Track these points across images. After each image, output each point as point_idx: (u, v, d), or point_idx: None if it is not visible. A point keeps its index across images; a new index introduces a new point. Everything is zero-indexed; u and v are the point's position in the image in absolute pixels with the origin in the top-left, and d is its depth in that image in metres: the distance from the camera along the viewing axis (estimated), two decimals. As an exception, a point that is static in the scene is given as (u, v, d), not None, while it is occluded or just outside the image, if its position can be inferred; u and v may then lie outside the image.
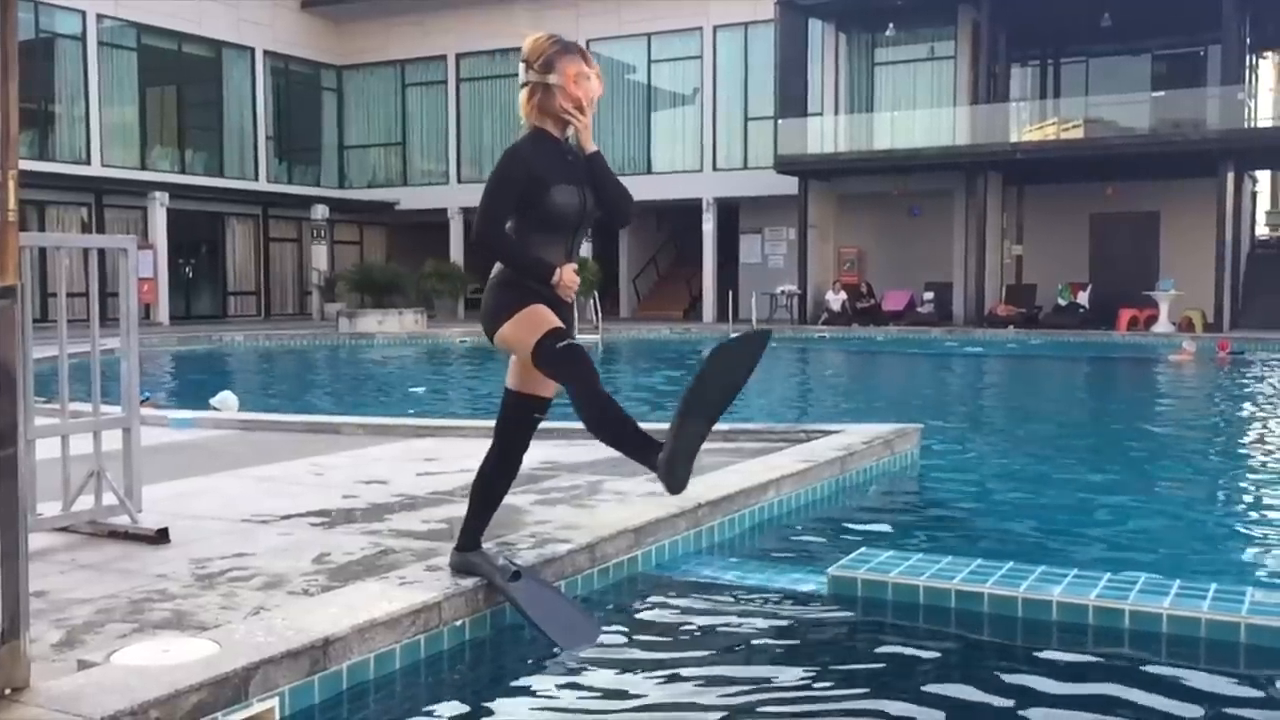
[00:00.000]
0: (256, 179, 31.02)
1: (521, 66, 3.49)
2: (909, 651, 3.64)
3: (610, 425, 3.44)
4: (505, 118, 31.86)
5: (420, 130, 33.13)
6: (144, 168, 28.35)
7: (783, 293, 27.49)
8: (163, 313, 26.68)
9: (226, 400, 9.59)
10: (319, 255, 30.48)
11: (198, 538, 4.42)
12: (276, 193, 31.14)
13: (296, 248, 31.74)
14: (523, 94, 3.50)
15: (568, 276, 3.43)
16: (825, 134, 27.00)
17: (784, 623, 3.88)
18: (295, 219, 31.22)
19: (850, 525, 5.48)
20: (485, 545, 3.75)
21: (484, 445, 6.97)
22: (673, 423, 3.26)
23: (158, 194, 26.85)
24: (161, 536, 4.36)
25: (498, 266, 3.51)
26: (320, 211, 30.27)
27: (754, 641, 3.71)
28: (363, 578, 3.77)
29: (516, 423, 3.72)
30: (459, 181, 32.26)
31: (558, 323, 3.43)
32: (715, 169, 28.93)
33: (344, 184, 33.79)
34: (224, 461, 6.44)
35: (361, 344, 22.48)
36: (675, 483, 3.31)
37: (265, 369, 18.29)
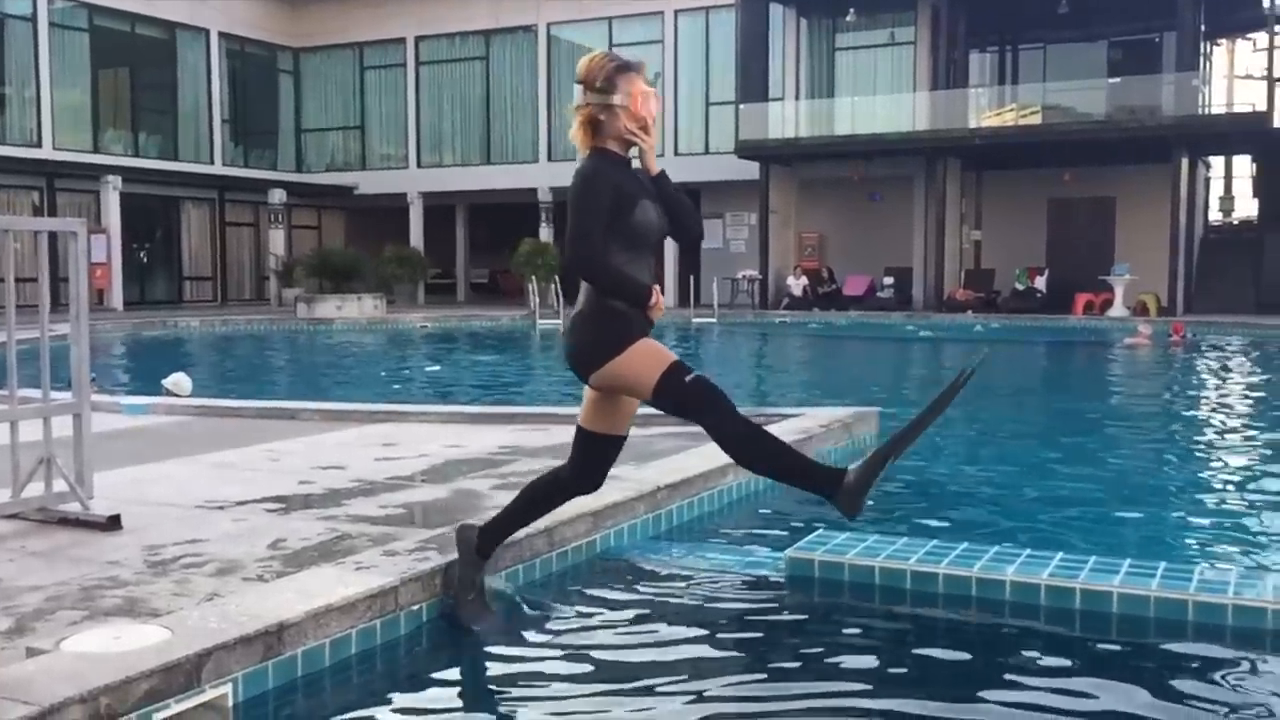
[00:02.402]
0: (212, 162, 30.63)
1: (578, 89, 3.31)
2: (865, 631, 3.67)
3: (768, 455, 3.25)
4: (465, 102, 31.69)
5: (379, 114, 32.84)
6: (97, 151, 27.91)
7: (744, 278, 27.56)
8: (117, 298, 26.31)
9: (180, 382, 9.48)
10: (276, 240, 30.17)
11: (150, 524, 4.37)
12: (232, 176, 30.77)
13: (253, 232, 31.39)
14: (580, 116, 3.31)
15: (659, 297, 3.31)
16: (786, 119, 27.05)
17: (742, 605, 3.90)
18: (252, 203, 30.87)
19: (808, 508, 5.51)
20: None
21: (443, 430, 6.98)
22: (873, 456, 3.21)
23: (111, 178, 26.45)
24: (113, 523, 4.31)
25: (586, 298, 3.30)
26: (277, 196, 29.95)
27: (712, 623, 3.72)
28: (319, 563, 3.74)
29: (598, 462, 3.50)
30: (419, 166, 32.05)
31: (674, 355, 3.27)
32: (676, 154, 28.88)
33: (301, 168, 33.44)
34: (178, 447, 6.37)
35: (320, 330, 22.29)
36: (856, 510, 3.25)
37: (222, 355, 18.09)
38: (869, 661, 3.37)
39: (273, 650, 3.03)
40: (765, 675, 3.30)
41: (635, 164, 3.41)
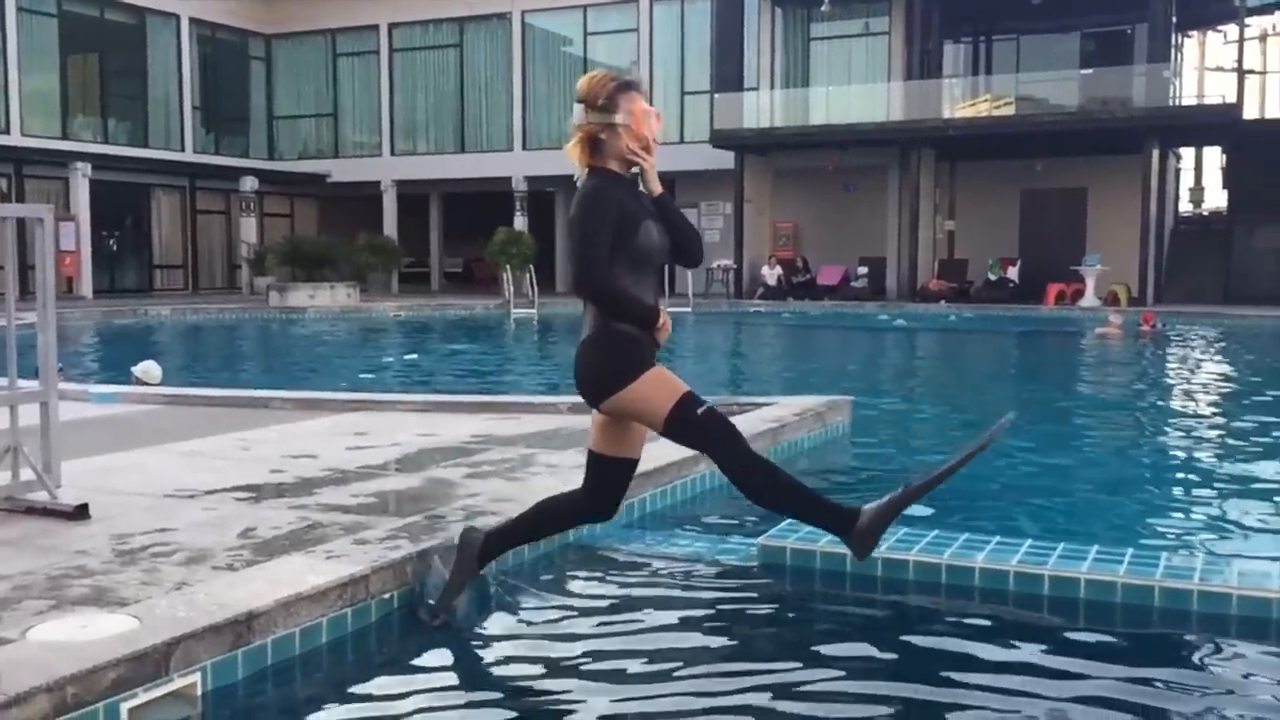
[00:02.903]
0: (183, 149, 30.35)
1: (579, 108, 3.26)
2: (837, 618, 3.69)
3: (779, 490, 3.22)
4: (439, 90, 31.53)
5: (352, 101, 32.63)
6: (65, 137, 27.60)
7: (719, 267, 27.58)
8: (86, 286, 26.05)
9: (149, 370, 9.40)
10: (248, 228, 29.93)
11: (119, 513, 4.33)
12: (203, 164, 30.50)
13: (225, 220, 31.16)
14: (580, 134, 3.27)
15: (666, 318, 3.28)
16: (761, 109, 27.07)
17: (714, 592, 3.91)
18: (223, 191, 30.63)
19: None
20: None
21: (416, 419, 6.96)
22: (887, 503, 3.17)
23: (80, 165, 26.16)
24: (81, 512, 4.27)
25: (592, 321, 3.26)
26: (249, 183, 29.72)
27: (684, 611, 3.73)
28: (289, 552, 3.72)
29: (612, 485, 3.44)
30: (392, 154, 31.88)
31: (686, 386, 3.24)
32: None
33: (273, 155, 33.20)
34: (147, 436, 6.32)
35: (292, 318, 22.16)
36: (866, 553, 3.23)
37: (193, 344, 17.96)
38: (840, 648, 3.39)
39: (242, 639, 3.01)
40: (737, 662, 3.31)
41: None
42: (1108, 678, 3.10)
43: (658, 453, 5.42)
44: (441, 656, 3.31)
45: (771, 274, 26.70)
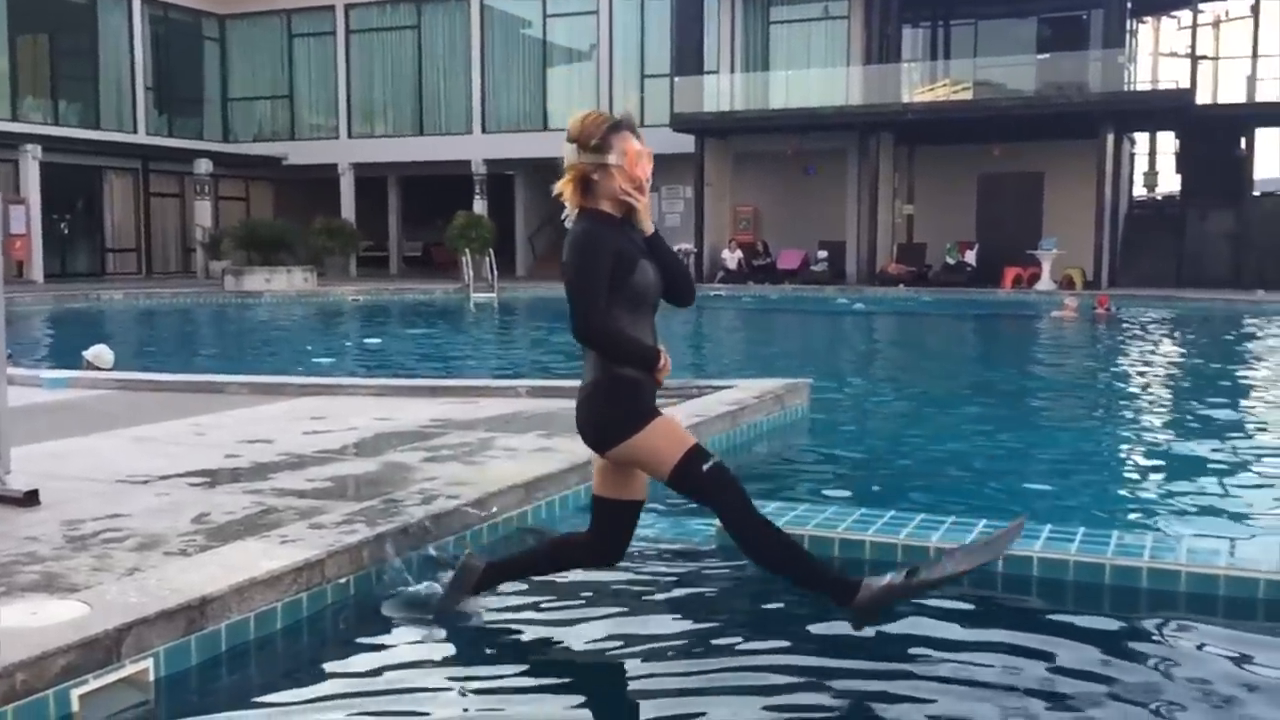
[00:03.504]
0: (135, 131, 29.85)
1: (570, 148, 3.24)
2: (794, 600, 3.71)
3: (780, 553, 3.16)
4: (396, 71, 31.23)
5: (308, 83, 32.25)
6: (14, 119, 27.06)
7: (680, 251, 27.55)
8: (37, 271, 25.61)
9: (101, 354, 9.26)
10: (203, 211, 29.52)
11: (70, 499, 4.27)
12: (157, 146, 30.02)
13: (179, 203, 30.73)
14: (571, 174, 3.24)
15: (667, 359, 3.25)
16: (721, 92, 27.05)
17: (672, 575, 3.92)
18: (177, 173, 30.18)
19: (740, 478, 5.55)
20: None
21: (373, 403, 6.91)
22: (890, 587, 3.12)
23: (29, 146, 25.65)
24: (31, 498, 4.21)
25: (594, 367, 3.23)
26: (203, 166, 29.29)
27: (642, 593, 3.74)
28: (243, 537, 3.69)
29: (618, 528, 3.38)
30: (349, 136, 31.55)
31: (694, 438, 3.23)
32: (611, 126, 28.76)
33: (228, 137, 32.75)
34: (100, 422, 6.23)
35: (248, 303, 21.92)
36: (861, 627, 3.19)
37: (146, 328, 17.73)
38: (797, 629, 3.41)
39: (195, 624, 2.98)
40: (695, 644, 3.32)
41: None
42: (1059, 654, 3.14)
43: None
44: (398, 641, 3.29)
45: (732, 257, 26.75)
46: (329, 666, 3.08)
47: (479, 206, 29.22)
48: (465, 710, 2.89)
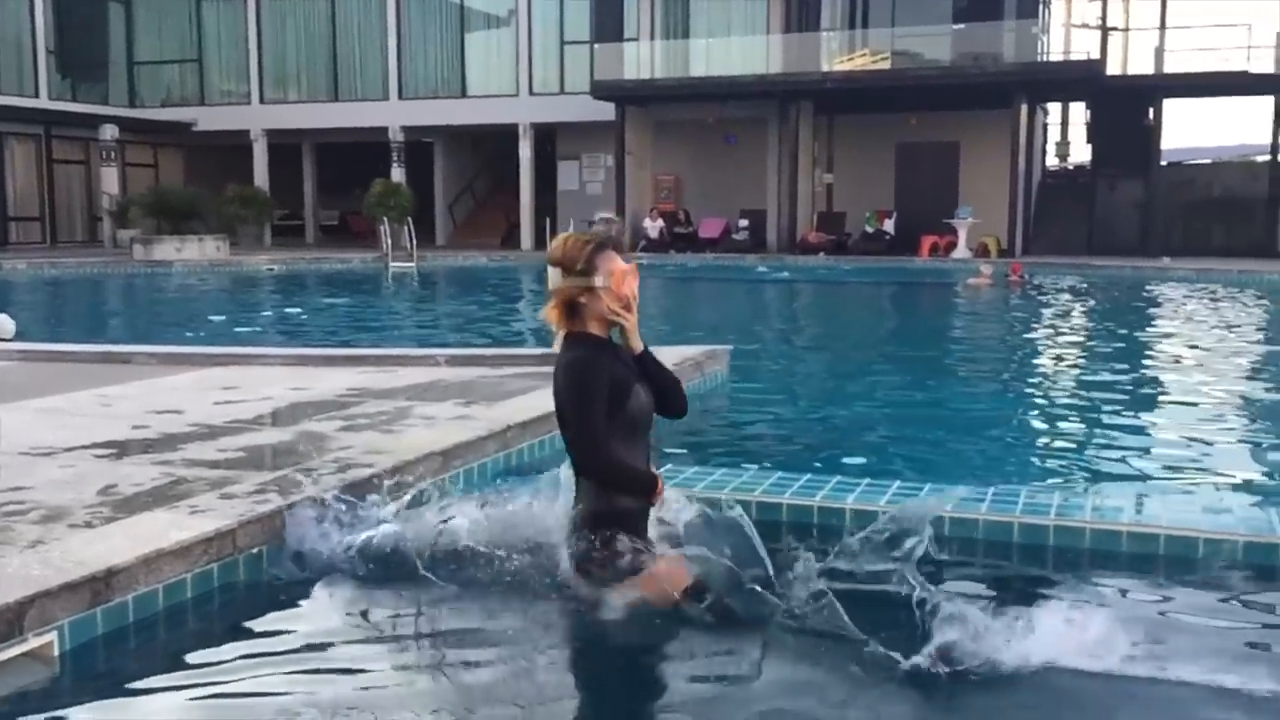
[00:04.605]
0: (36, 95, 28.77)
1: (555, 272, 3.21)
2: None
3: None
4: (310, 35, 30.54)
5: (218, 46, 31.34)
6: (-94, 81, 25.95)
7: (600, 220, 27.46)
8: (-66, 240, 24.68)
9: (1, 324, 8.96)
10: (109, 178, 28.62)
11: (-32, 473, 4.13)
12: (59, 111, 28.98)
13: (84, 170, 29.74)
14: (558, 298, 3.22)
15: (662, 484, 3.26)
16: (641, 60, 26.93)
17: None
18: (82, 139, 29.18)
19: (658, 444, 5.57)
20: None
21: (288, 373, 6.79)
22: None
23: (-77, 110, 24.66)
24: (-74, 472, 4.06)
25: (588, 496, 3.20)
26: (109, 131, 28.36)
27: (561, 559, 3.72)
28: (152, 508, 3.60)
29: None
30: (261, 102, 30.79)
31: (690, 577, 3.17)
32: (531, 93, 28.51)
33: (135, 102, 31.74)
34: (1, 393, 6.03)
35: (158, 272, 21.38)
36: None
37: (51, 299, 17.19)
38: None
39: (101, 596, 2.91)
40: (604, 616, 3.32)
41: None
42: (971, 610, 3.20)
43: (534, 403, 5.41)
44: (311, 611, 3.25)
45: (653, 227, 26.74)
46: (240, 637, 3.03)
47: (397, 174, 28.79)
48: (375, 680, 2.86)
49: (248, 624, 3.13)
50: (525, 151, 28.43)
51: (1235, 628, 3.16)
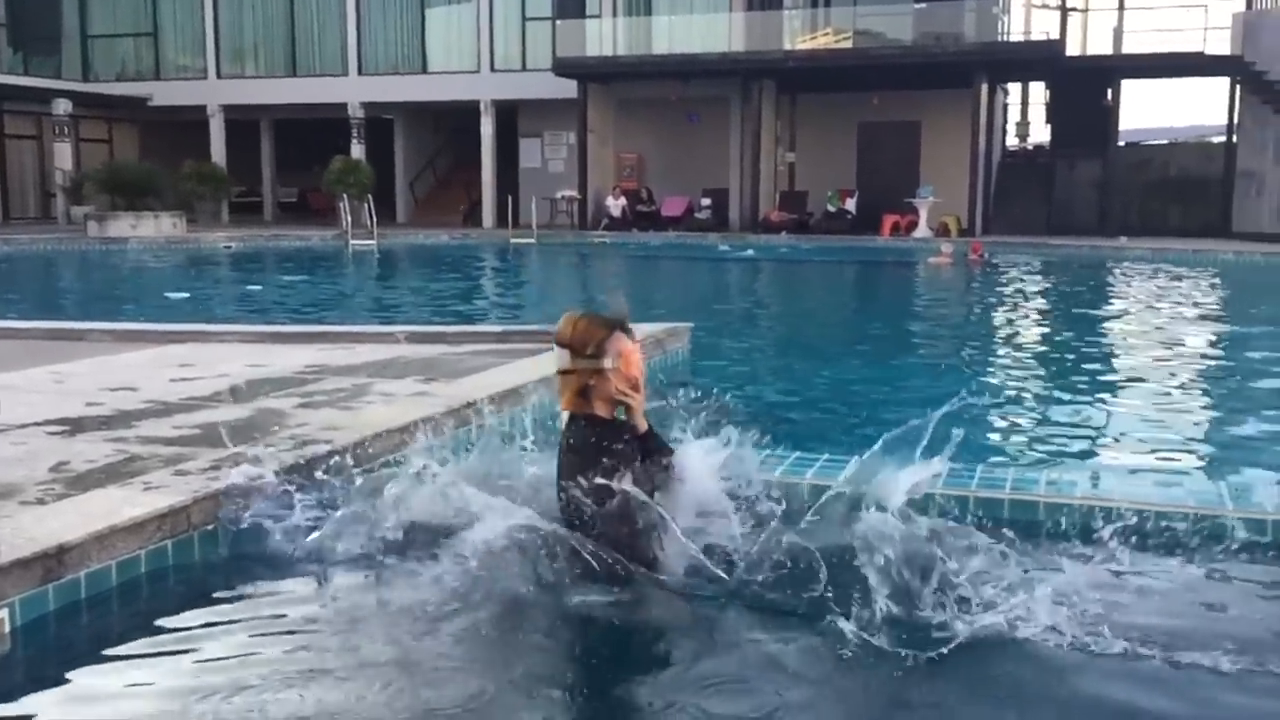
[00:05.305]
0: (-13, 69, 28.25)
1: (563, 353, 3.19)
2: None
3: None
4: (267, 9, 30.10)
5: (173, 20, 30.83)
6: None
7: (563, 198, 27.39)
8: (-118, 216, 24.17)
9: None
10: (62, 154, 28.12)
11: (-84, 450, 4.06)
12: (10, 85, 28.40)
13: (36, 145, 29.21)
14: (568, 385, 3.21)
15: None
16: (604, 37, 26.79)
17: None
18: (34, 114, 28.63)
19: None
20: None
21: (245, 350, 6.72)
22: None
23: None
24: (-128, 450, 3.99)
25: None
26: (62, 106, 27.86)
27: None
28: (105, 484, 3.55)
29: None
30: (218, 77, 30.36)
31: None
32: (493, 70, 28.30)
33: (89, 77, 31.18)
34: (-50, 371, 5.93)
35: (113, 249, 21.07)
36: None
37: (3, 276, 16.90)
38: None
39: (53, 573, 2.88)
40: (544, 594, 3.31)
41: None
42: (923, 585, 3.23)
43: (494, 380, 5.40)
44: (267, 587, 3.22)
45: (616, 205, 26.67)
46: (194, 613, 3.00)
47: (357, 151, 28.52)
48: (329, 656, 2.85)
49: (202, 600, 3.10)
50: (487, 128, 28.23)
51: (1186, 599, 3.21)
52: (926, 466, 3.48)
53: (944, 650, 2.72)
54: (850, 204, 26.16)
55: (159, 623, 2.94)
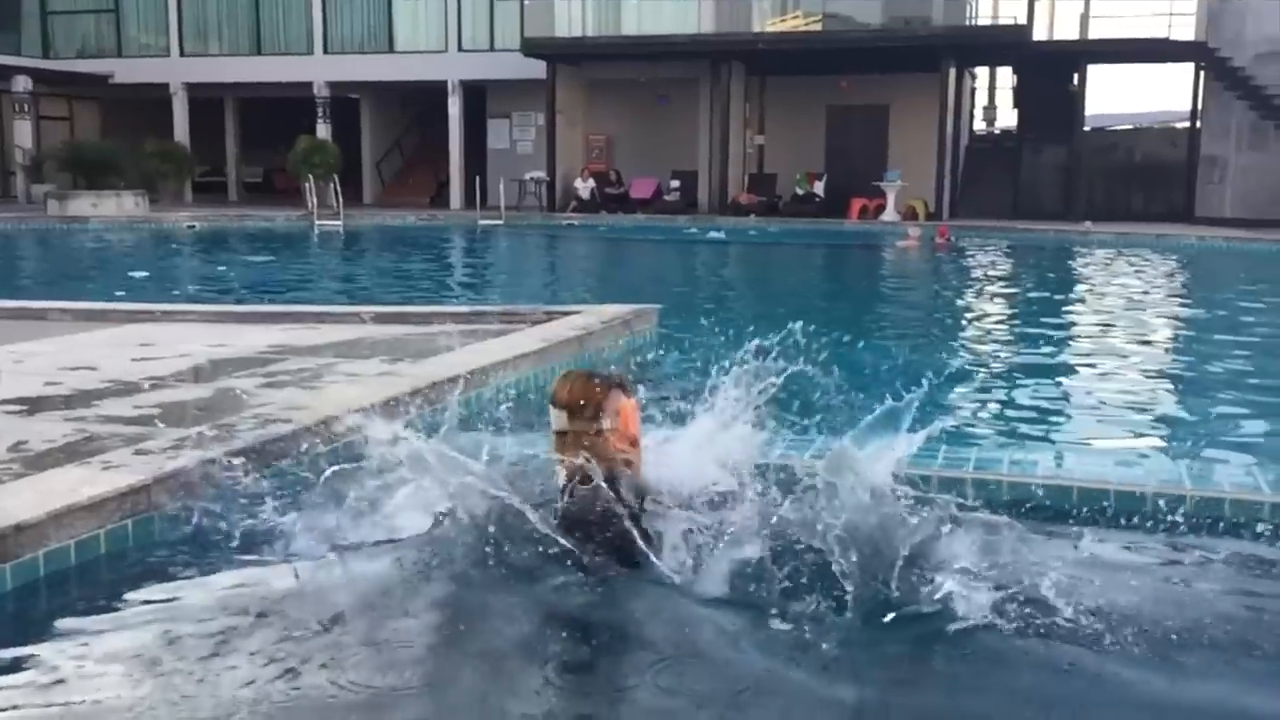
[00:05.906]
0: (-56, 44, 27.72)
1: (562, 415, 3.13)
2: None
3: None
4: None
5: (136, -5, 30.33)
6: None
7: (531, 179, 27.25)
8: None
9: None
10: (22, 131, 27.65)
11: None
12: (-32, 61, 27.95)
13: (-5, 123, 28.73)
14: (561, 440, 3.15)
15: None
16: (573, 17, 26.61)
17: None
18: (-8, 91, 28.18)
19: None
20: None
21: (207, 330, 6.66)
22: None
23: None
24: None
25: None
26: (22, 83, 27.37)
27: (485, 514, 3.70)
28: (64, 464, 3.52)
29: None
30: (181, 55, 29.92)
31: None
32: (461, 50, 28.07)
33: (49, 53, 30.64)
34: (-94, 350, 5.83)
35: (74, 229, 20.78)
36: None
37: (-38, 255, 16.65)
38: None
39: (10, 553, 2.84)
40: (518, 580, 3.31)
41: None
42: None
43: (463, 360, 5.37)
44: (228, 565, 3.20)
45: (584, 187, 26.57)
46: (155, 591, 2.97)
47: (323, 131, 28.22)
48: (292, 636, 2.83)
49: (163, 579, 3.07)
50: (454, 109, 28.02)
51: (1150, 577, 3.25)
52: (891, 447, 3.49)
53: (898, 625, 2.74)
54: (819, 187, 26.20)
55: (118, 602, 2.91)
